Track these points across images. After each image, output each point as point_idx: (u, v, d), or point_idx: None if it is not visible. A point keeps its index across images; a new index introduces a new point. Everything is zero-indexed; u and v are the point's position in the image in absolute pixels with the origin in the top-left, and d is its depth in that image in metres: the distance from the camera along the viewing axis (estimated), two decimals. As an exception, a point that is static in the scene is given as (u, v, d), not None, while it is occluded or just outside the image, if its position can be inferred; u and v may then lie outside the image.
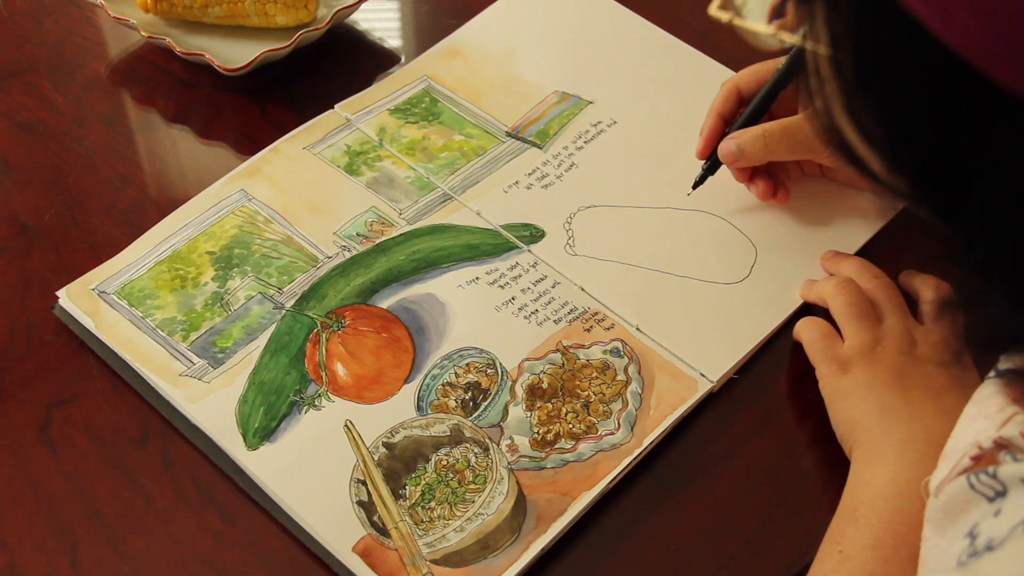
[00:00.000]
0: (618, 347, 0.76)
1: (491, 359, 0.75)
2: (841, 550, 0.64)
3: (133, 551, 0.68)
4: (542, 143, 0.88)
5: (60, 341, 0.77)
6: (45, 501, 0.69)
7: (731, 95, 0.82)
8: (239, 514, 0.69)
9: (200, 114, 0.91)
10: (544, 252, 0.81)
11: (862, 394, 0.70)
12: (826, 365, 0.72)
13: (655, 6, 0.96)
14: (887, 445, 0.67)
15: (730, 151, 0.80)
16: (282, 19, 0.92)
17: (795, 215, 0.82)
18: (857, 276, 0.76)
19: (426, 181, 0.85)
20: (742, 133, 0.79)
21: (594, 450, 0.71)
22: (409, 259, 0.80)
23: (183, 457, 0.71)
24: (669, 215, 0.82)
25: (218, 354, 0.75)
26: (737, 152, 0.79)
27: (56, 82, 0.93)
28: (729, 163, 0.80)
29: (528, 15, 0.97)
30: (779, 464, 0.71)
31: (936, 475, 0.51)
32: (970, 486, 0.47)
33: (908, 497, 0.63)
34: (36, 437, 0.72)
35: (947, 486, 0.49)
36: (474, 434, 0.72)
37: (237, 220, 0.82)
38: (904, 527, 0.63)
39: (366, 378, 0.74)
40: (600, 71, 0.92)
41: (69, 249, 0.81)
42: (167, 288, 0.78)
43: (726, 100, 0.82)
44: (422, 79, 0.92)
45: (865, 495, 0.65)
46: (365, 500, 0.69)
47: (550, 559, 0.67)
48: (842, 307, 0.74)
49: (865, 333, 0.72)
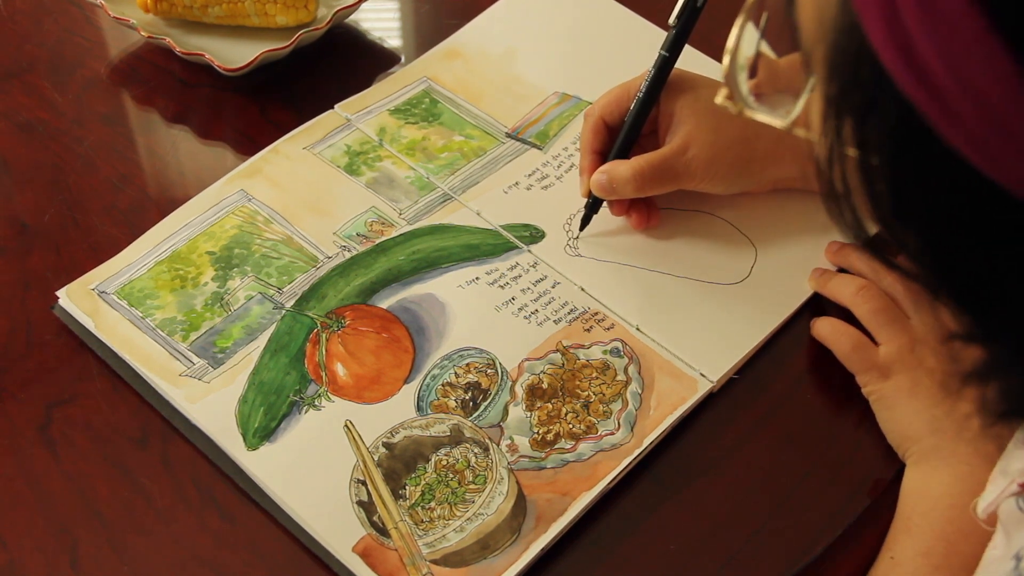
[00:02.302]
0: (618, 347, 0.76)
1: (491, 359, 0.75)
2: (893, 556, 0.66)
3: (133, 551, 0.68)
4: (542, 144, 0.88)
5: (60, 341, 0.77)
6: (45, 501, 0.69)
7: (599, 128, 0.80)
8: (239, 514, 0.69)
9: (200, 114, 0.91)
10: (544, 252, 0.81)
11: (908, 402, 0.70)
12: (866, 373, 0.73)
13: (655, 6, 0.96)
14: (939, 456, 0.68)
15: (601, 184, 0.78)
16: (282, 19, 0.92)
17: (795, 215, 0.82)
18: (871, 273, 0.76)
19: (426, 181, 0.85)
20: (614, 167, 0.78)
21: (594, 450, 0.71)
22: (409, 259, 0.80)
23: (183, 457, 0.71)
24: (669, 215, 0.82)
25: (218, 354, 0.75)
26: (608, 185, 0.78)
27: (56, 82, 0.93)
28: (603, 196, 0.79)
29: (528, 16, 0.97)
30: (779, 464, 0.71)
31: (985, 496, 0.52)
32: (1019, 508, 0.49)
33: (961, 508, 0.64)
34: (36, 437, 0.72)
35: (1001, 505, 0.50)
36: (474, 434, 0.72)
37: (237, 220, 0.82)
38: (956, 536, 0.64)
39: (366, 378, 0.74)
40: (600, 72, 0.92)
41: (69, 249, 0.81)
42: (167, 288, 0.78)
43: (595, 135, 0.80)
44: (422, 80, 0.92)
45: (920, 506, 0.67)
46: (365, 500, 0.69)
47: (550, 559, 0.67)
48: (870, 314, 0.74)
49: (899, 337, 0.72)
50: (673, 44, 0.77)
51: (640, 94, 0.78)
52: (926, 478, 0.68)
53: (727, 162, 0.78)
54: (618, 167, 0.78)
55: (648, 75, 0.78)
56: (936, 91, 0.34)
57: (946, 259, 0.39)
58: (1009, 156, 0.34)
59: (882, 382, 0.72)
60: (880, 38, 0.35)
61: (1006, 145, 0.34)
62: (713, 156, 0.77)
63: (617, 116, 0.80)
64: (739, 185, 0.81)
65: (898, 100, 0.35)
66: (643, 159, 0.78)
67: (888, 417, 0.71)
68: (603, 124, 0.80)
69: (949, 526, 0.65)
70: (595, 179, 0.78)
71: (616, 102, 0.80)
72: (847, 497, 0.70)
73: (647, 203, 0.81)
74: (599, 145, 0.80)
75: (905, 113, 0.35)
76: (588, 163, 0.80)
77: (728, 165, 0.78)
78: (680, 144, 0.77)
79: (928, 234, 0.39)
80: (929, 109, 0.35)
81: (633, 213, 0.81)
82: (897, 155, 0.37)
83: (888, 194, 0.38)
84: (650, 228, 0.81)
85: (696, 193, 0.82)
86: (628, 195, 0.78)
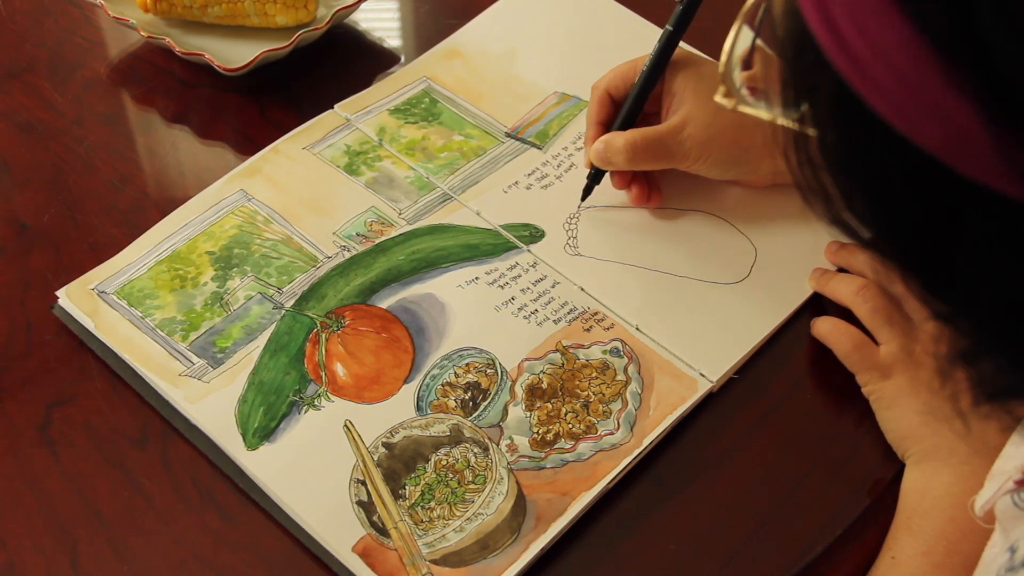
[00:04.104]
0: (618, 347, 0.76)
1: (491, 359, 0.75)
2: (894, 556, 0.66)
3: (133, 551, 0.68)
4: (542, 144, 0.88)
5: (60, 341, 0.77)
6: (45, 501, 0.69)
7: (604, 101, 0.82)
8: (239, 514, 0.69)
9: (200, 114, 0.91)
10: (544, 252, 0.81)
11: (908, 401, 0.70)
12: (866, 373, 0.73)
13: (655, 6, 0.96)
14: (939, 456, 0.68)
15: (598, 153, 0.80)
16: (282, 19, 0.92)
17: (795, 215, 0.82)
18: (871, 273, 0.76)
19: (426, 181, 0.85)
20: (611, 137, 0.79)
21: (594, 450, 0.71)
22: (409, 259, 0.80)
23: (183, 457, 0.71)
24: (669, 215, 0.82)
25: (218, 354, 0.75)
26: (604, 154, 0.79)
27: (56, 82, 0.93)
28: (600, 166, 0.81)
29: (528, 16, 0.97)
30: (779, 464, 0.71)
31: (982, 494, 0.53)
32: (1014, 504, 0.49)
33: (961, 508, 0.64)
34: (36, 437, 0.72)
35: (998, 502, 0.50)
36: (474, 434, 0.72)
37: (237, 220, 0.82)
38: (957, 535, 0.64)
39: (366, 378, 0.74)
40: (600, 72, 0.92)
41: (69, 249, 0.81)
42: (167, 288, 0.78)
43: (600, 107, 0.82)
44: (422, 80, 0.92)
45: (920, 505, 0.67)
46: (365, 500, 0.69)
47: (550, 559, 0.67)
48: (870, 314, 0.74)
49: (900, 337, 0.72)
50: (679, 20, 0.78)
51: (644, 68, 0.80)
52: (926, 478, 0.68)
53: (722, 146, 0.78)
54: (614, 138, 0.79)
55: (654, 50, 0.79)
56: (855, 58, 0.36)
57: (901, 237, 0.40)
58: (924, 119, 0.35)
59: (882, 382, 0.72)
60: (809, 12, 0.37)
61: (916, 105, 0.35)
62: (708, 138, 0.78)
63: (623, 90, 0.81)
64: (734, 172, 0.81)
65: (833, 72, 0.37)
66: (638, 132, 0.79)
67: (888, 417, 0.71)
68: (608, 97, 0.82)
69: (950, 525, 0.65)
70: (593, 148, 0.80)
71: (622, 77, 0.81)
72: (847, 497, 0.70)
73: (648, 180, 0.82)
74: (603, 117, 0.82)
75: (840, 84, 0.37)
76: (592, 134, 0.81)
77: (723, 149, 0.78)
78: (677, 123, 0.78)
79: (881, 210, 0.40)
80: (852, 76, 0.36)
81: (634, 187, 0.82)
82: (841, 129, 0.39)
83: (841, 168, 0.40)
84: (650, 206, 0.82)
85: (697, 190, 0.82)
86: (620, 166, 0.80)
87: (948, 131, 0.35)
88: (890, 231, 0.40)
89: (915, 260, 0.40)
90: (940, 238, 0.38)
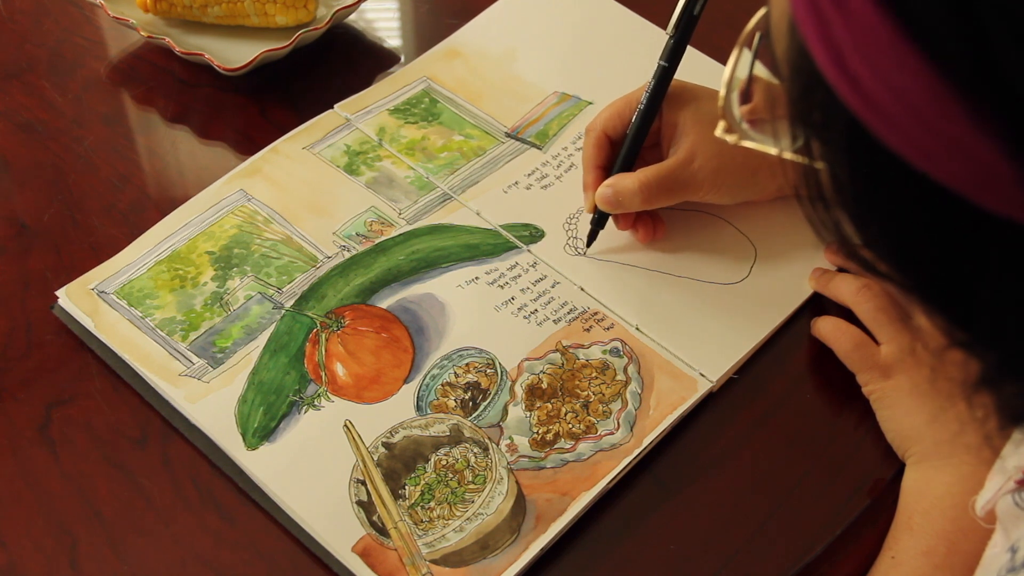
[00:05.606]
0: (618, 347, 0.76)
1: (490, 359, 0.75)
2: (894, 556, 0.66)
3: (133, 551, 0.68)
4: (542, 144, 0.88)
5: (60, 341, 0.77)
6: (45, 501, 0.69)
7: (601, 143, 0.79)
8: (239, 514, 0.69)
9: (200, 114, 0.91)
10: (544, 252, 0.81)
11: (908, 401, 0.70)
12: (866, 373, 0.72)
13: (655, 6, 0.96)
14: (940, 456, 0.68)
15: (607, 198, 0.77)
16: (282, 19, 0.92)
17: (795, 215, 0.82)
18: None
19: (426, 181, 0.85)
20: (619, 180, 0.77)
21: (594, 450, 0.71)
22: (408, 259, 0.80)
23: (183, 457, 0.71)
24: (669, 215, 0.82)
25: (217, 354, 0.75)
26: (615, 199, 0.77)
27: (56, 82, 0.93)
28: (610, 210, 0.78)
29: (528, 16, 0.97)
30: (779, 464, 0.71)
31: (983, 494, 0.52)
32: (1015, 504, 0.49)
33: (962, 508, 0.64)
34: (35, 437, 0.72)
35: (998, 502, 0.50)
36: (473, 434, 0.72)
37: (236, 220, 0.82)
38: (957, 535, 0.64)
39: (365, 378, 0.74)
40: (600, 72, 0.92)
41: (69, 249, 0.81)
42: (166, 288, 0.78)
43: (598, 150, 0.79)
44: (422, 80, 0.92)
45: (921, 505, 0.67)
46: (365, 500, 0.69)
47: (550, 559, 0.67)
48: (870, 313, 0.74)
49: (900, 336, 0.72)
50: (672, 54, 0.77)
51: (641, 105, 0.78)
52: (927, 478, 0.68)
53: (733, 171, 0.77)
54: (624, 180, 0.77)
55: (648, 86, 0.78)
56: (868, 97, 0.35)
57: (921, 271, 0.39)
58: (945, 156, 0.35)
59: (883, 381, 0.72)
60: (818, 51, 0.36)
61: (936, 142, 0.35)
62: (719, 166, 0.77)
63: (620, 129, 0.79)
64: (745, 195, 0.80)
65: (844, 110, 0.36)
66: (649, 171, 0.77)
67: (888, 416, 0.71)
68: (606, 138, 0.79)
69: (950, 525, 0.65)
70: (600, 193, 0.77)
71: (618, 115, 0.79)
72: (847, 497, 0.70)
73: (653, 216, 0.81)
74: (602, 160, 0.79)
75: (853, 122, 0.36)
76: (592, 179, 0.79)
77: (733, 175, 0.77)
78: (685, 155, 0.77)
79: (899, 245, 0.39)
80: (866, 115, 0.36)
81: (639, 227, 0.80)
82: (856, 166, 0.38)
83: (855, 204, 0.39)
84: (656, 240, 0.81)
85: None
86: (635, 208, 0.77)
87: (971, 167, 0.34)
88: (909, 265, 0.39)
89: (936, 292, 0.39)
90: (962, 270, 0.38)
